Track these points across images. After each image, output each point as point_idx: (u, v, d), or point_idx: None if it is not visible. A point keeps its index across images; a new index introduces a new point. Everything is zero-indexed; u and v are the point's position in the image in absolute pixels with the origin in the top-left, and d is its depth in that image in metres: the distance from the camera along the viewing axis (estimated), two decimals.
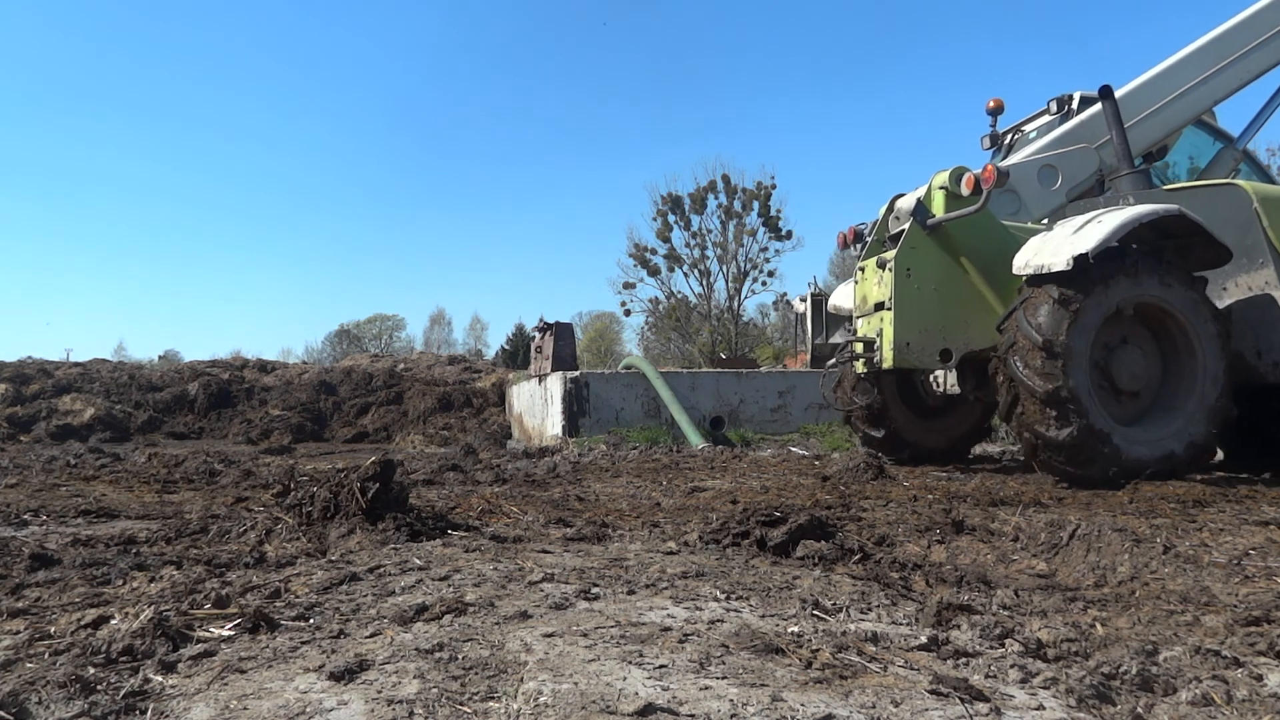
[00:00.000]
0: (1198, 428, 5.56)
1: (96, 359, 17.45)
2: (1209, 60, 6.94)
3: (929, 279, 6.17)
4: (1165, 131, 7.01)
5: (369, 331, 61.15)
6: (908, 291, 6.15)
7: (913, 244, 6.20)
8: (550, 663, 1.73)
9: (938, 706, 1.56)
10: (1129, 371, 5.65)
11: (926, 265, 6.18)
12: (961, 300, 6.10)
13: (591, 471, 6.82)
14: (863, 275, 6.70)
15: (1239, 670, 1.84)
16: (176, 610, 2.08)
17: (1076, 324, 5.35)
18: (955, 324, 6.07)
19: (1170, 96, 6.94)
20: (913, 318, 6.15)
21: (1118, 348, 5.67)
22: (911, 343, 6.13)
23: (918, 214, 6.25)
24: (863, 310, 6.67)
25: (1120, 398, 5.67)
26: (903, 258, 6.18)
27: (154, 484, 5.71)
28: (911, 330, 6.14)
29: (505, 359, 41.33)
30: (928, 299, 6.16)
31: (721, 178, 37.41)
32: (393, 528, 3.21)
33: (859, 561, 2.96)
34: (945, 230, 6.19)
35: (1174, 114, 6.97)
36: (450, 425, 13.65)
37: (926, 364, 6.25)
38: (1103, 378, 5.62)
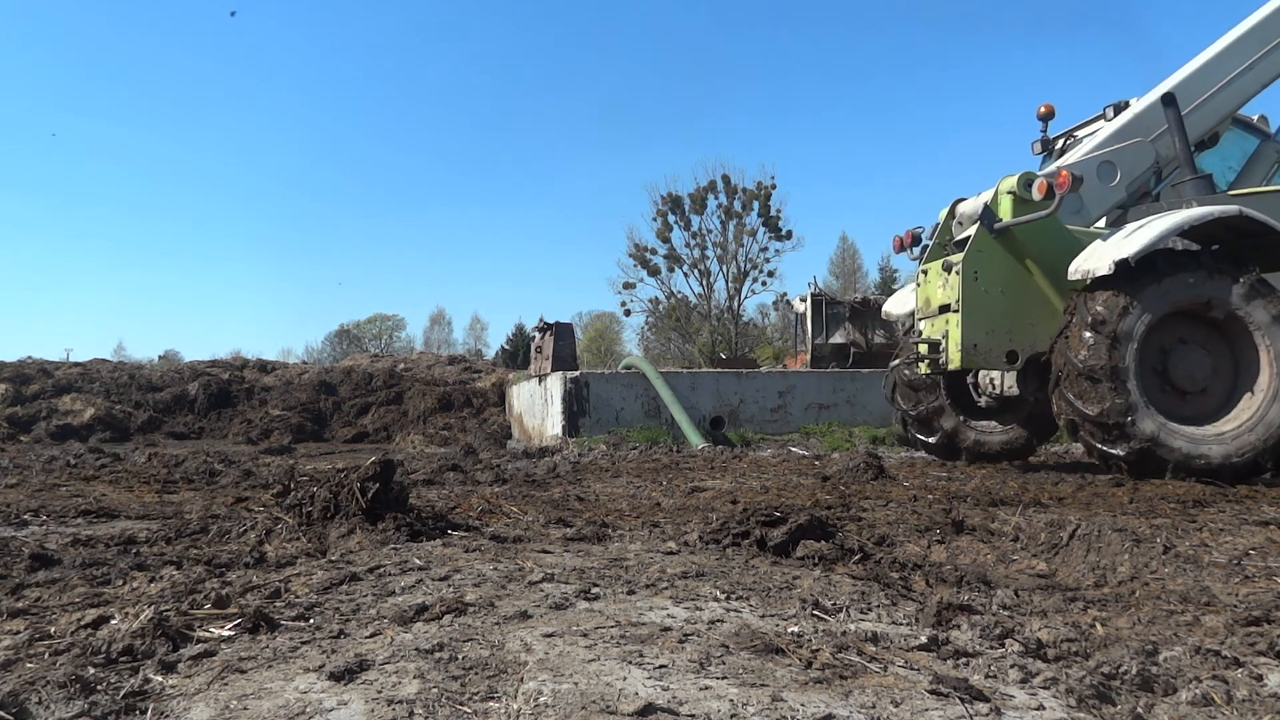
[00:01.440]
0: (1260, 430, 5.59)
1: (96, 359, 17.45)
2: (1256, 44, 6.92)
3: (996, 281, 6.29)
4: (1217, 119, 7.01)
5: (369, 331, 61.14)
6: (975, 294, 6.27)
7: (980, 247, 6.31)
8: (550, 663, 1.73)
9: (938, 706, 1.56)
10: (1186, 371, 5.76)
11: (993, 268, 6.30)
12: (1027, 303, 6.21)
13: (591, 471, 6.82)
14: (925, 278, 6.80)
15: (1239, 670, 1.84)
16: (176, 610, 2.08)
17: (1123, 320, 5.51)
18: (1021, 326, 6.19)
19: (1220, 84, 6.92)
20: (980, 319, 6.27)
21: (1175, 348, 5.77)
22: (979, 344, 6.25)
23: (985, 218, 6.35)
24: (926, 312, 6.76)
25: (1185, 397, 5.77)
26: (970, 261, 6.30)
27: (154, 484, 5.71)
28: (979, 332, 6.26)
29: (505, 359, 41.32)
30: (995, 301, 6.28)
31: (721, 178, 37.43)
32: (393, 528, 3.21)
33: (859, 561, 2.96)
34: (1012, 234, 6.30)
35: (1224, 101, 6.96)
36: (450, 425, 13.65)
37: (993, 365, 6.37)
38: (1161, 379, 5.75)
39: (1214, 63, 6.96)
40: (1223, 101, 6.97)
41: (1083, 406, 5.59)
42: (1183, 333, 5.84)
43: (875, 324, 14.98)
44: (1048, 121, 8.02)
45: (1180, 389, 5.80)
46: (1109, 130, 7.02)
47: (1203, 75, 6.95)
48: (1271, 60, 6.95)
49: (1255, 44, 6.93)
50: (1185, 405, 5.79)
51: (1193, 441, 5.53)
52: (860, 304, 15.46)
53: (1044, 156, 8.17)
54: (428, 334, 64.35)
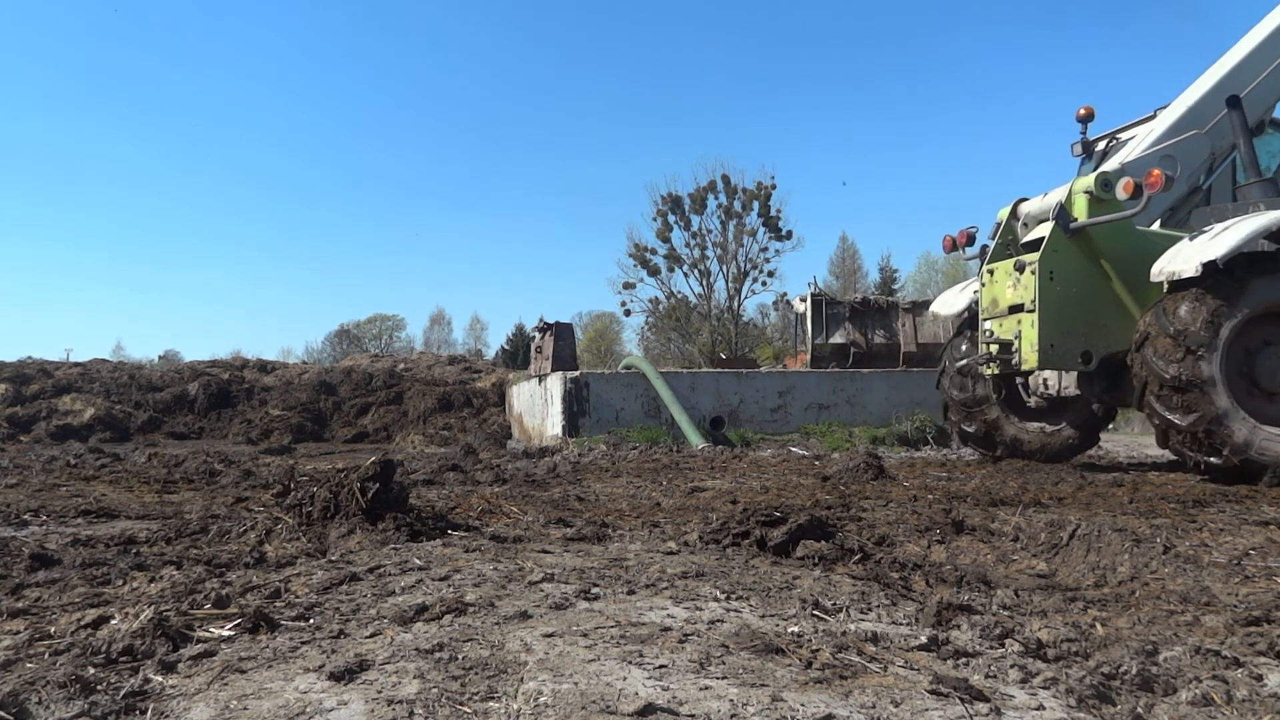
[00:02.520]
0: None
1: (96, 359, 17.45)
2: None
3: (1071, 282, 6.28)
4: (1265, 106, 6.95)
5: (369, 331, 61.14)
6: (1051, 294, 6.26)
7: (1055, 247, 6.31)
8: (550, 663, 1.73)
9: (938, 706, 1.56)
10: (1272, 371, 5.76)
11: (1069, 268, 6.29)
12: (1103, 303, 6.22)
13: (591, 471, 6.82)
14: (992, 278, 6.79)
15: (1239, 670, 1.84)
16: (176, 610, 2.08)
17: (1208, 326, 5.50)
18: (1096, 327, 6.19)
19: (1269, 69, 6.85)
20: (1056, 320, 6.26)
21: (1261, 350, 5.77)
22: (1055, 344, 6.26)
23: (1060, 218, 6.33)
24: (993, 313, 6.76)
25: (1274, 399, 5.77)
26: (1046, 261, 6.29)
27: (154, 484, 5.71)
28: (1055, 332, 6.26)
29: (505, 359, 41.33)
30: (1070, 302, 6.27)
31: (721, 178, 37.40)
32: (393, 528, 3.21)
33: (859, 561, 2.96)
34: (1087, 234, 6.29)
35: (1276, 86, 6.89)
36: (450, 425, 13.65)
37: (1069, 365, 6.38)
38: (1248, 380, 5.74)
39: (1262, 48, 6.87)
40: (1273, 88, 6.88)
41: (1173, 416, 5.55)
42: (1268, 334, 5.82)
43: (875, 324, 14.98)
44: (1087, 124, 8.00)
45: (1269, 391, 5.78)
46: (1165, 123, 6.95)
47: (1251, 62, 6.87)
48: None
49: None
50: (1272, 406, 5.77)
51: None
52: (860, 304, 15.45)
53: (1083, 159, 8.15)
54: (428, 334, 64.38)
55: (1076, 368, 6.40)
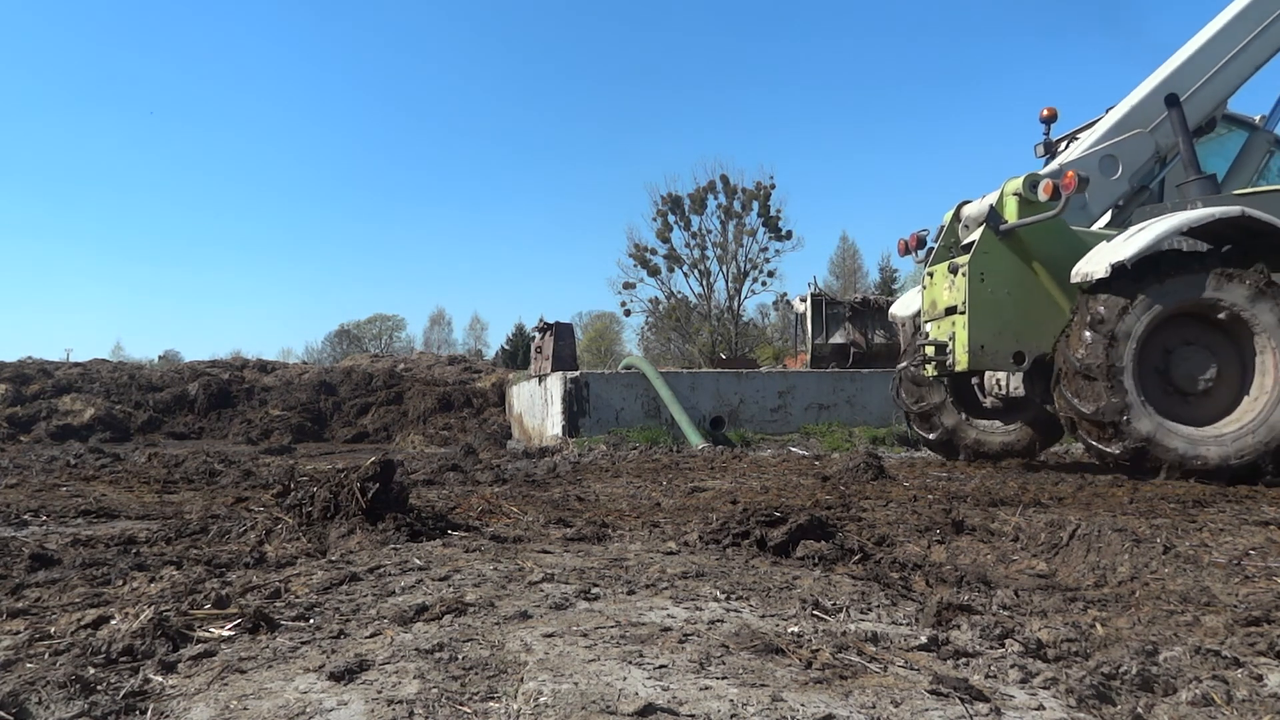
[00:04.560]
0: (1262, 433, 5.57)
1: (96, 359, 17.44)
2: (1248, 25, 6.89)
3: (1002, 283, 6.31)
4: (1212, 105, 6.97)
5: (369, 331, 61.14)
6: (981, 296, 6.30)
7: (986, 249, 6.34)
8: (550, 663, 1.73)
9: (938, 706, 1.56)
10: (1187, 372, 5.77)
11: (1000, 270, 6.32)
12: (1034, 304, 6.23)
13: (591, 471, 6.82)
14: (931, 280, 6.84)
15: (1239, 670, 1.84)
16: (176, 610, 2.08)
17: (1120, 322, 5.55)
18: (1028, 327, 6.20)
19: (1214, 69, 6.87)
20: (986, 321, 6.29)
21: (1178, 350, 5.78)
22: (985, 345, 6.28)
23: (991, 220, 6.36)
24: (932, 315, 6.81)
25: (1188, 398, 5.78)
26: (976, 263, 6.33)
27: (154, 484, 5.70)
28: (985, 333, 6.29)
29: (505, 359, 41.33)
30: (1001, 303, 6.30)
31: (721, 178, 37.42)
32: (393, 528, 3.20)
33: (859, 561, 2.96)
34: (1018, 236, 6.32)
35: (1219, 86, 6.92)
36: (450, 425, 13.65)
37: (1000, 366, 6.40)
38: (1164, 380, 5.77)
39: (1207, 48, 6.92)
40: (1218, 86, 6.92)
41: (1079, 404, 5.62)
42: (1190, 334, 5.83)
43: (875, 324, 14.98)
44: (1050, 124, 8.01)
45: (1182, 390, 5.80)
46: (1108, 123, 7.00)
47: (1196, 62, 6.90)
48: (1264, 40, 6.90)
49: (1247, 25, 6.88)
50: (1188, 406, 5.79)
51: (1191, 442, 5.53)
52: (860, 304, 15.45)
53: (1047, 159, 8.18)
54: (428, 334, 64.41)
55: (1008, 368, 6.43)
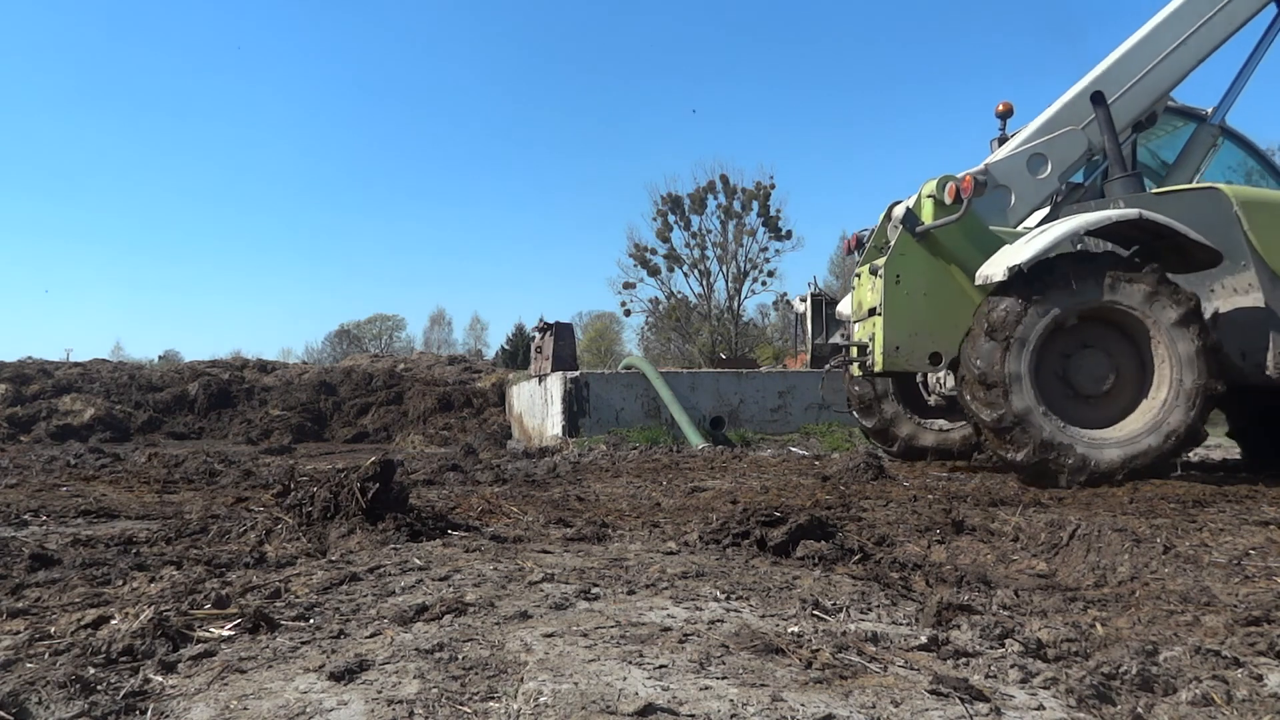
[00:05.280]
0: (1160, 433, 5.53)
1: (96, 359, 17.44)
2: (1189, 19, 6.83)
3: (919, 285, 6.29)
4: (1152, 99, 6.89)
5: (369, 331, 61.13)
6: (897, 297, 6.30)
7: (902, 251, 6.35)
8: (550, 663, 1.73)
9: (938, 706, 1.56)
10: (1087, 375, 5.72)
11: (916, 271, 6.31)
12: (950, 305, 6.16)
13: (591, 471, 6.82)
14: (859, 281, 6.88)
15: (1239, 670, 1.84)
16: (176, 610, 2.08)
17: (1018, 327, 5.48)
18: (945, 328, 6.15)
19: (1152, 63, 6.82)
20: (902, 322, 6.28)
21: (1078, 353, 5.73)
22: (901, 346, 6.27)
23: (907, 222, 6.39)
24: (858, 315, 6.86)
25: (1089, 401, 5.73)
26: (892, 265, 6.35)
27: (154, 484, 5.70)
28: (901, 335, 6.28)
29: (505, 359, 41.30)
30: (917, 304, 6.28)
31: (720, 178, 37.43)
32: (393, 528, 3.21)
33: (859, 561, 2.96)
34: (934, 237, 6.31)
35: (1158, 79, 6.85)
36: (450, 425, 13.65)
37: (916, 367, 6.38)
38: (1064, 383, 5.72)
39: (1145, 42, 6.87)
40: (1156, 80, 6.86)
41: (981, 411, 5.57)
42: (1091, 336, 5.78)
43: None
44: (1006, 119, 7.90)
45: (1083, 393, 5.75)
46: (1039, 120, 6.94)
47: (1134, 56, 6.85)
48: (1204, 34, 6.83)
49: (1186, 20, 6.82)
50: (1089, 409, 5.74)
51: (1092, 446, 5.47)
52: None
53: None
54: (428, 334, 64.36)
55: (925, 369, 6.41)
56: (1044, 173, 6.76)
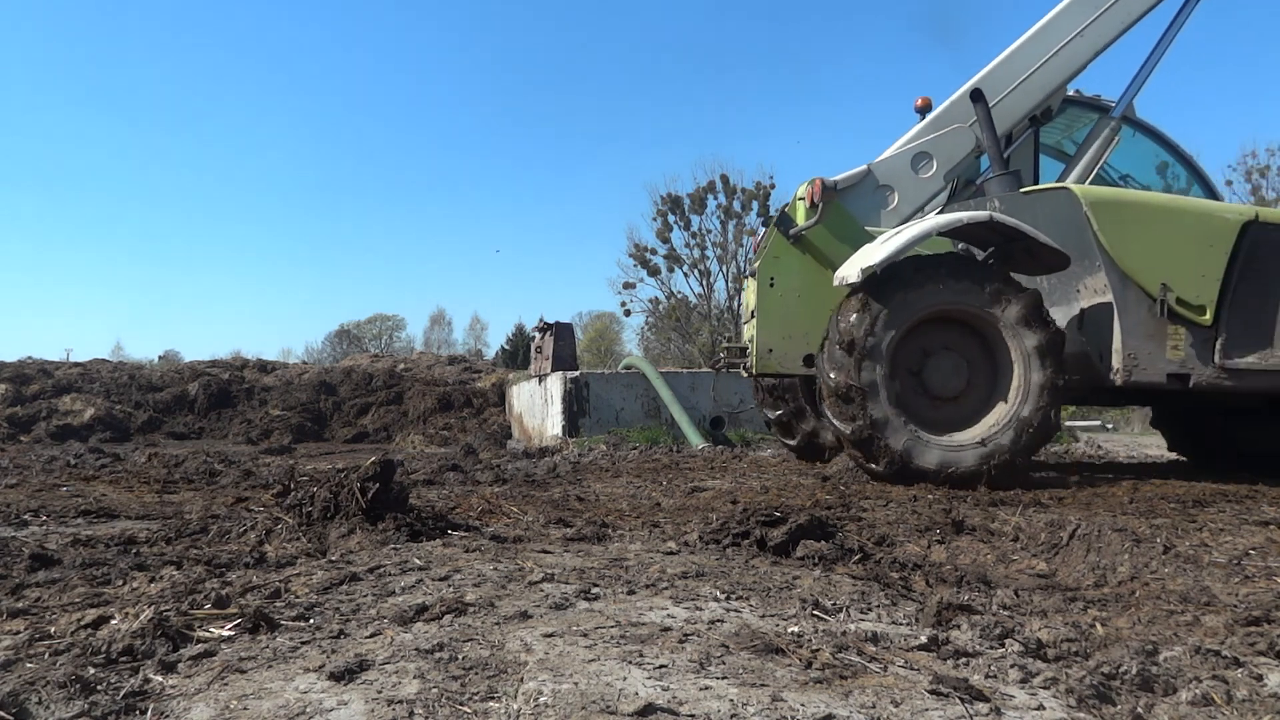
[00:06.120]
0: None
1: (96, 359, 17.44)
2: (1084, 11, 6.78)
3: (793, 287, 6.29)
4: (1045, 93, 6.82)
5: (369, 331, 61.10)
6: (771, 299, 6.30)
7: (776, 253, 6.36)
8: (550, 663, 1.73)
9: (938, 706, 1.56)
10: (941, 378, 5.63)
11: (790, 273, 6.31)
12: (825, 307, 6.03)
13: (591, 471, 6.83)
14: (748, 284, 6.88)
15: (1239, 670, 1.84)
16: (176, 610, 2.08)
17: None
18: (819, 331, 6.03)
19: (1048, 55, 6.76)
20: (776, 325, 6.27)
21: (935, 354, 5.64)
22: (775, 349, 6.26)
23: (781, 224, 6.42)
24: (746, 317, 6.85)
25: (943, 404, 5.64)
26: (766, 267, 6.37)
27: (154, 484, 5.70)
28: (775, 337, 6.27)
29: (505, 359, 41.28)
30: (791, 306, 6.26)
31: (720, 178, 37.37)
32: (393, 528, 3.21)
33: (859, 561, 2.96)
34: (807, 239, 6.30)
35: (1052, 72, 6.80)
36: (450, 425, 13.65)
37: (791, 370, 6.34)
38: (920, 385, 5.63)
39: (1038, 36, 6.81)
40: (1050, 73, 6.78)
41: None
42: (945, 338, 5.66)
43: None
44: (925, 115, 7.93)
45: (938, 396, 5.65)
46: (928, 118, 6.89)
47: (1026, 51, 6.79)
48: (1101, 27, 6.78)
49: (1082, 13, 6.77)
50: (943, 411, 5.64)
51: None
52: None
53: None
54: (428, 334, 64.29)
55: (800, 372, 6.36)
56: (929, 171, 6.72)
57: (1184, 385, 5.72)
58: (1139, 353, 5.70)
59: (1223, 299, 5.71)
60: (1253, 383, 5.76)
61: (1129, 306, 5.70)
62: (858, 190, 6.60)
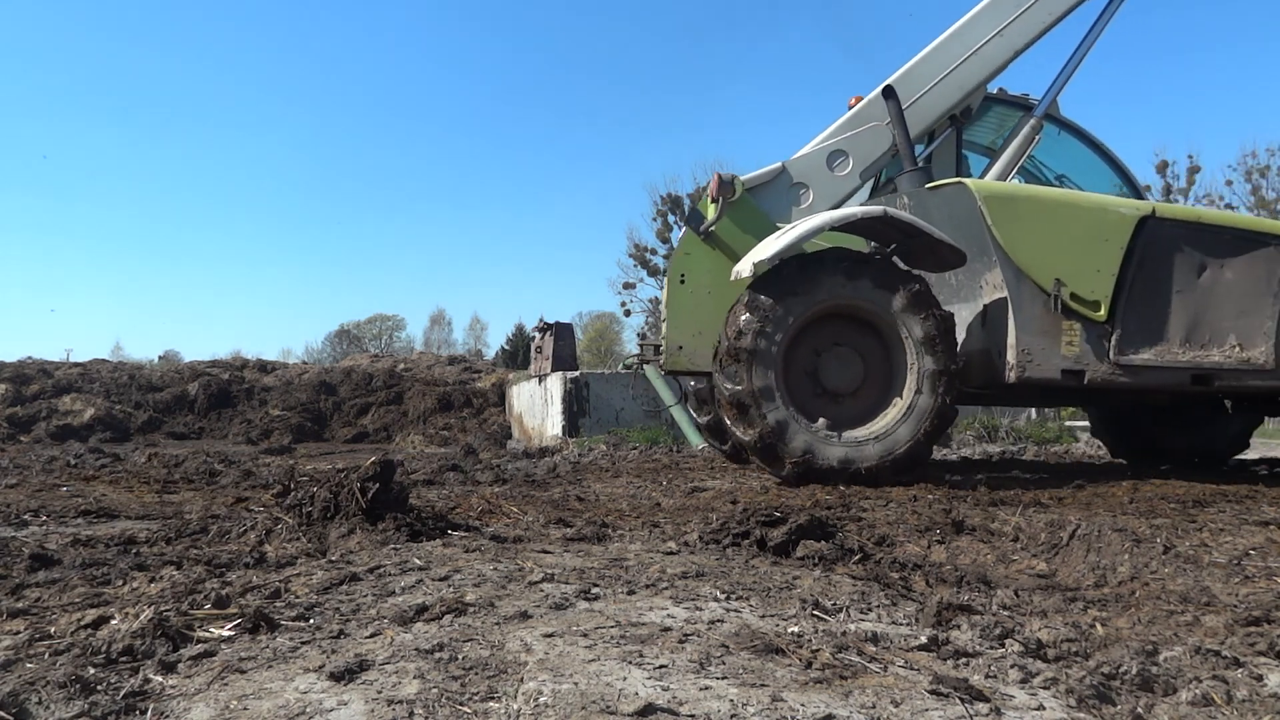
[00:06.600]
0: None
1: (96, 359, 17.44)
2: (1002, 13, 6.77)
3: (703, 284, 6.22)
4: (963, 92, 6.80)
5: (369, 331, 61.11)
6: (681, 296, 6.26)
7: (687, 250, 6.32)
8: (550, 663, 1.73)
9: (938, 706, 1.56)
10: (836, 374, 5.56)
11: (701, 270, 6.25)
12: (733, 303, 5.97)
13: (591, 471, 6.82)
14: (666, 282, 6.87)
15: (1239, 670, 1.84)
16: (176, 610, 2.08)
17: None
18: None
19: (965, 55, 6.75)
20: (686, 322, 6.22)
21: (828, 350, 5.56)
22: (685, 346, 6.22)
23: (691, 220, 6.40)
24: (662, 316, 6.82)
25: (841, 400, 5.57)
26: (677, 264, 6.33)
27: (154, 484, 5.70)
28: (685, 334, 6.22)
29: (505, 359, 41.27)
30: (701, 303, 6.19)
31: None
32: (393, 528, 3.20)
33: (859, 561, 2.96)
34: (717, 236, 6.25)
35: (969, 73, 6.78)
36: (450, 425, 13.65)
37: (702, 366, 6.27)
38: (815, 383, 5.56)
39: (956, 36, 6.80)
40: (968, 73, 6.76)
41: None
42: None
43: None
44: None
45: (835, 393, 5.57)
46: (845, 117, 6.84)
47: (944, 50, 6.78)
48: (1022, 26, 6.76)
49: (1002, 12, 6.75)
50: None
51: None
52: None
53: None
54: (428, 334, 64.31)
55: (709, 369, 6.20)
56: (845, 169, 6.68)
57: (1079, 382, 5.62)
58: (1033, 349, 5.58)
59: (1118, 294, 5.61)
60: (1148, 379, 5.67)
61: (1023, 302, 5.59)
62: (772, 187, 6.56)
